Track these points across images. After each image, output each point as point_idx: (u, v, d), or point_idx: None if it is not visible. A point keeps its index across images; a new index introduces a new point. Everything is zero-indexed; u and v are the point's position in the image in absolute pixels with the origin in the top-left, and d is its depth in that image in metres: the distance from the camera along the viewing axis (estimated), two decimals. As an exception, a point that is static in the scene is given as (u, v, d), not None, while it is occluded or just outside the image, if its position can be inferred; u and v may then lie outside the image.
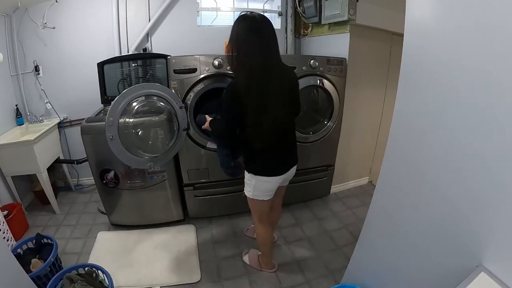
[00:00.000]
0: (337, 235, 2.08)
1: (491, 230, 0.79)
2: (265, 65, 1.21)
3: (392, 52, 2.41)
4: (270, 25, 1.24)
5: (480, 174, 0.80)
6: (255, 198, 1.46)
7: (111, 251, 1.90)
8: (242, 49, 1.22)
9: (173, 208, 2.14)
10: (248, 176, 1.43)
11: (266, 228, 1.61)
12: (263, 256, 1.73)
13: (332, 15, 2.17)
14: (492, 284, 0.76)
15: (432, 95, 0.92)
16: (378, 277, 1.30)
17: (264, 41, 1.21)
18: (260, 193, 1.44)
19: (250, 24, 1.21)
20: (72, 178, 2.73)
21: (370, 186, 2.81)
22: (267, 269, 1.75)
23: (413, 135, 1.01)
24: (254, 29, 1.20)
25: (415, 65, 0.97)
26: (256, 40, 1.20)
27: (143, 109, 1.72)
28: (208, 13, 2.68)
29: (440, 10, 0.87)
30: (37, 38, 2.32)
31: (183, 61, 1.82)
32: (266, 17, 1.27)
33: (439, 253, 0.97)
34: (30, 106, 2.47)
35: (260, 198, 1.45)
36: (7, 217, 1.88)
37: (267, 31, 1.22)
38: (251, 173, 1.40)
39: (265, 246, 1.69)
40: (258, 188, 1.42)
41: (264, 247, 1.70)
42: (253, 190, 1.43)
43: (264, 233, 1.62)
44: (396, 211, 1.15)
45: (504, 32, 0.69)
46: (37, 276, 1.47)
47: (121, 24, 2.44)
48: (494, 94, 0.74)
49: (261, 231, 1.61)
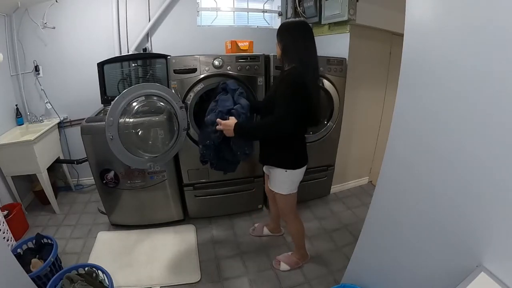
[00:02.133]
0: (337, 235, 2.08)
1: (491, 230, 0.79)
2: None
3: (392, 52, 2.41)
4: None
5: (480, 174, 0.80)
6: (291, 192, 1.54)
7: (111, 251, 1.90)
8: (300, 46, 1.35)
9: (173, 208, 2.14)
10: (286, 174, 1.48)
11: (301, 221, 1.70)
12: (300, 248, 1.76)
13: (332, 15, 2.17)
14: (492, 284, 0.76)
15: (432, 95, 0.92)
16: (378, 277, 1.29)
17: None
18: (294, 186, 1.54)
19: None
20: (72, 178, 2.73)
21: (370, 186, 2.81)
22: (306, 261, 1.80)
23: (413, 135, 1.01)
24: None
25: (415, 65, 0.97)
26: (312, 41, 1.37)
27: (143, 109, 1.72)
28: (208, 13, 2.68)
29: (440, 10, 0.87)
30: (37, 38, 2.32)
31: (183, 61, 1.83)
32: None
33: (439, 253, 0.97)
34: (30, 106, 2.47)
35: (295, 191, 1.55)
36: (7, 217, 1.88)
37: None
38: (289, 169, 1.47)
39: (303, 239, 1.74)
40: (294, 182, 1.52)
41: (301, 241, 1.74)
42: (290, 185, 1.52)
43: (301, 227, 1.69)
44: (396, 211, 1.15)
45: (504, 32, 0.69)
46: (37, 276, 1.47)
47: (121, 24, 2.45)
48: (493, 95, 0.74)
49: (298, 226, 1.68)
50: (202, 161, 1.89)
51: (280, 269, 1.76)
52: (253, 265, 1.81)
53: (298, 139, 1.50)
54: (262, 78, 1.97)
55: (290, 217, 1.66)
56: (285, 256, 1.81)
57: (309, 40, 1.35)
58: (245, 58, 1.92)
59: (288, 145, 1.46)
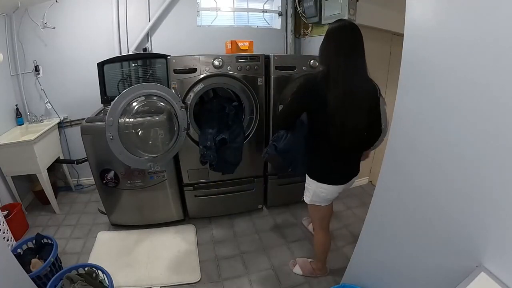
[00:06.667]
0: (337, 235, 2.08)
1: (491, 230, 0.79)
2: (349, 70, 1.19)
3: (392, 52, 2.41)
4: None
5: (480, 174, 0.80)
6: (314, 203, 1.47)
7: (111, 251, 1.90)
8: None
9: (173, 208, 2.14)
10: (310, 181, 1.43)
11: (326, 235, 1.59)
12: (319, 262, 1.69)
13: (332, 15, 2.17)
14: (492, 284, 0.76)
15: (432, 96, 0.92)
16: (378, 277, 1.30)
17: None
18: (318, 199, 1.44)
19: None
20: (72, 178, 2.72)
21: (370, 186, 2.81)
22: (322, 275, 1.71)
23: (413, 136, 1.01)
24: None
25: (415, 66, 0.97)
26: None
27: (143, 109, 1.72)
28: (208, 13, 2.68)
29: (440, 11, 0.87)
30: (37, 38, 2.32)
31: (183, 61, 1.82)
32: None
33: (439, 253, 0.97)
34: (30, 106, 2.46)
35: (318, 204, 1.46)
36: (7, 217, 1.88)
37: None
38: (313, 179, 1.40)
39: (324, 253, 1.65)
40: (316, 194, 1.42)
41: (322, 254, 1.66)
42: (312, 195, 1.44)
43: (324, 240, 1.60)
44: (396, 211, 1.15)
45: (504, 32, 0.69)
46: (37, 276, 1.47)
47: (121, 24, 2.44)
48: (493, 96, 0.74)
49: (322, 238, 1.59)
50: (202, 162, 1.91)
51: (293, 270, 1.75)
52: (253, 265, 1.81)
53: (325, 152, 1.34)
54: (262, 78, 1.97)
55: (315, 226, 1.60)
56: (303, 261, 1.77)
57: (343, 46, 1.18)
58: (245, 58, 1.92)
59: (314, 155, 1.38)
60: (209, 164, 1.92)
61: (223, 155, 1.90)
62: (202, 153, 1.86)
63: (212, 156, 1.83)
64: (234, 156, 1.93)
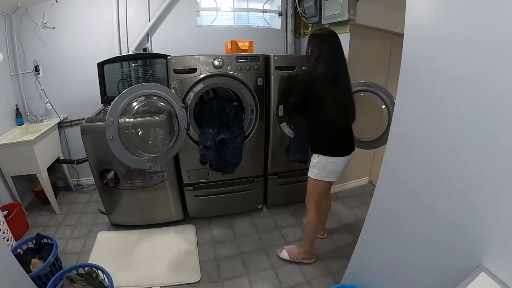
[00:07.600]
0: (337, 235, 2.08)
1: (491, 230, 0.79)
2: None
3: (392, 52, 2.41)
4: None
5: (480, 174, 0.80)
6: (321, 179, 1.58)
7: (111, 251, 1.90)
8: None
9: (173, 208, 2.14)
10: (317, 159, 1.57)
11: (319, 215, 1.73)
12: (307, 244, 1.77)
13: (332, 15, 2.17)
14: (492, 284, 0.76)
15: (432, 96, 0.92)
16: (378, 277, 1.30)
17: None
18: (324, 174, 1.57)
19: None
20: (72, 178, 2.72)
21: (370, 186, 2.81)
22: (307, 260, 1.79)
23: (413, 136, 1.01)
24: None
25: (415, 66, 0.97)
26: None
27: (143, 109, 1.72)
28: (208, 13, 2.68)
29: (440, 11, 0.87)
30: (37, 38, 2.32)
31: (183, 61, 1.82)
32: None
33: (439, 253, 0.97)
34: (30, 106, 2.47)
35: (325, 179, 1.58)
36: (7, 217, 1.88)
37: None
38: (321, 154, 1.55)
39: (313, 233, 1.75)
40: (325, 169, 1.55)
41: (312, 234, 1.75)
42: (320, 171, 1.56)
43: (317, 219, 1.71)
44: (396, 211, 1.15)
45: (504, 32, 0.69)
46: (37, 276, 1.47)
47: (121, 24, 2.44)
48: (493, 96, 0.74)
49: (315, 217, 1.70)
50: (202, 162, 1.92)
51: (280, 255, 1.83)
52: (253, 265, 1.81)
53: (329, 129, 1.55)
54: (262, 78, 1.97)
55: (311, 203, 1.68)
56: (290, 247, 1.86)
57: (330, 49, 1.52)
58: (245, 58, 1.92)
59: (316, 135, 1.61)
60: (209, 164, 1.92)
61: (223, 155, 1.90)
62: (202, 153, 1.86)
63: (212, 156, 1.84)
64: (234, 156, 1.94)
